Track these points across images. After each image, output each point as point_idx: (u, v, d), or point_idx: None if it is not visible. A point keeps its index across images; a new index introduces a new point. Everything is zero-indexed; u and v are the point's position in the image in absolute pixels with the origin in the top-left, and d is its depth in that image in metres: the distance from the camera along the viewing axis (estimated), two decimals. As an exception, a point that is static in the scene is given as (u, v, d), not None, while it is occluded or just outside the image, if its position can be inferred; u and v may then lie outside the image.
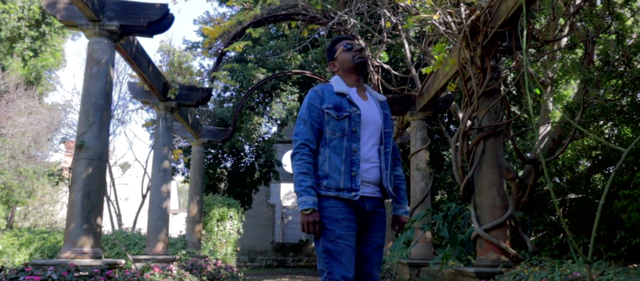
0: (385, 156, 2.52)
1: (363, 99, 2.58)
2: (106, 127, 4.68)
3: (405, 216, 2.61)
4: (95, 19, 4.58)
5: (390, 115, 2.66)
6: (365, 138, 2.50)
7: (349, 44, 2.62)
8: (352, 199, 2.39)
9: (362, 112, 2.52)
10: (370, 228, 2.47)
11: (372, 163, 2.47)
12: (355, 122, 2.47)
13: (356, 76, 2.60)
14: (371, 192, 2.45)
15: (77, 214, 4.40)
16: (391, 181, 2.55)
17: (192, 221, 9.49)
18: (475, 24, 4.67)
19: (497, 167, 4.76)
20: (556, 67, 9.71)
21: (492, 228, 4.60)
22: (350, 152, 2.43)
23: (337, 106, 2.47)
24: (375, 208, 2.46)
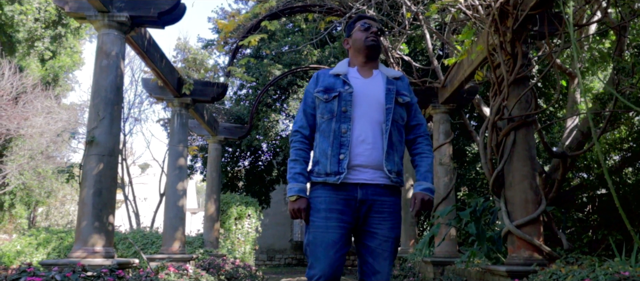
0: (389, 136, 2.24)
1: (365, 77, 2.37)
2: (117, 122, 4.51)
3: (425, 193, 2.25)
4: (104, 10, 4.41)
5: (403, 89, 2.38)
6: (358, 117, 2.26)
7: (366, 23, 2.41)
8: (335, 183, 2.20)
9: (356, 89, 2.30)
10: (372, 218, 2.22)
11: (368, 144, 2.23)
12: (346, 102, 2.26)
13: (365, 58, 2.39)
14: (370, 178, 2.22)
15: (88, 212, 4.24)
16: (397, 163, 2.27)
17: (209, 219, 9.34)
18: (505, 7, 4.37)
19: (529, 159, 4.46)
20: (584, 56, 9.30)
21: (525, 224, 4.30)
22: (339, 133, 2.24)
23: (327, 88, 2.31)
24: (375, 196, 2.21)
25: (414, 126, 2.40)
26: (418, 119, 2.41)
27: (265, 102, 11.61)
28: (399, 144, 2.29)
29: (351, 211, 2.22)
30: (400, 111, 2.31)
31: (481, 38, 5.15)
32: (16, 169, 14.27)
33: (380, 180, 2.22)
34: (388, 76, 2.38)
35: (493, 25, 4.38)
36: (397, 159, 2.27)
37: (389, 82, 2.35)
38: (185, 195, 7.11)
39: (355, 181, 2.21)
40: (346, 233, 2.22)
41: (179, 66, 6.93)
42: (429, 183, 2.28)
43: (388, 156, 2.23)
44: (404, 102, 2.34)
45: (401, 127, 2.33)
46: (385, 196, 2.23)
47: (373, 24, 2.43)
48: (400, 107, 2.32)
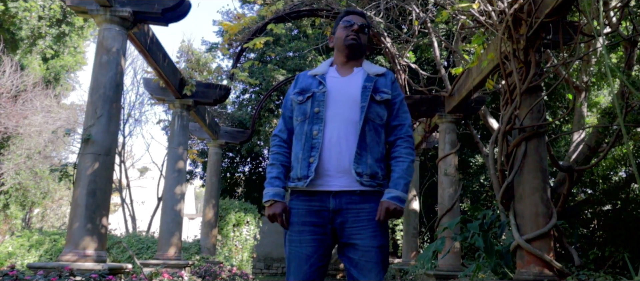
0: (362, 136, 2.07)
1: (343, 75, 2.22)
2: (115, 121, 4.36)
3: (391, 202, 2.03)
4: (106, 4, 4.28)
5: (384, 86, 2.20)
6: (330, 118, 2.10)
7: (349, 20, 2.26)
8: (305, 189, 2.07)
9: (330, 88, 2.16)
10: (350, 229, 2.04)
11: (341, 146, 2.08)
12: (319, 102, 2.13)
13: (345, 57, 2.26)
14: (344, 185, 2.06)
15: (81, 213, 4.08)
16: (370, 165, 2.08)
17: (207, 225, 9.17)
18: (518, 14, 4.24)
19: (540, 171, 4.30)
20: (592, 70, 9.18)
21: (535, 238, 4.14)
22: (310, 136, 2.11)
23: (303, 89, 2.21)
24: (350, 204, 2.05)
25: (395, 126, 2.21)
26: (400, 119, 2.22)
27: (268, 108, 11.48)
28: (375, 145, 2.12)
29: (326, 222, 2.07)
30: (377, 109, 2.15)
31: (492, 46, 5.02)
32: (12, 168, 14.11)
33: (354, 186, 2.06)
34: (369, 72, 2.23)
35: (506, 32, 4.24)
36: (372, 161, 2.09)
37: (367, 79, 2.19)
38: (183, 199, 6.94)
39: (327, 189, 2.07)
40: (322, 246, 2.07)
41: (182, 66, 6.80)
42: (399, 191, 2.07)
43: (358, 157, 2.06)
44: (383, 100, 2.17)
45: (379, 126, 2.16)
46: (362, 202, 2.06)
47: (356, 20, 2.27)
48: (378, 105, 2.15)
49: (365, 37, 2.30)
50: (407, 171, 2.12)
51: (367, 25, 2.32)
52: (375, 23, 6.87)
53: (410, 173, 2.14)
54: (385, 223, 2.11)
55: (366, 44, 2.34)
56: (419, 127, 8.54)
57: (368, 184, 2.06)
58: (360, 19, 2.30)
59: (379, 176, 2.10)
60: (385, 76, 2.24)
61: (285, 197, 2.14)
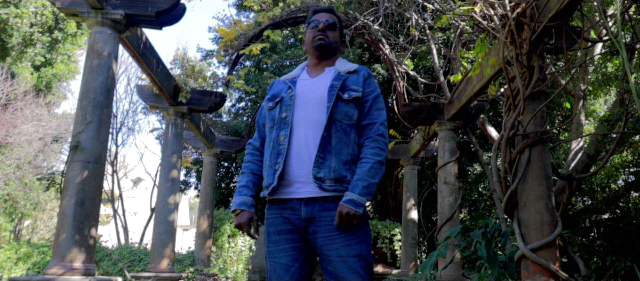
0: (326, 138, 1.95)
1: (313, 76, 2.12)
2: (106, 127, 4.21)
3: (344, 206, 1.87)
4: (98, 6, 4.15)
5: (354, 84, 2.06)
6: (297, 122, 1.99)
7: (315, 20, 2.15)
8: (271, 198, 1.98)
9: (298, 91, 2.05)
10: (323, 239, 1.91)
11: (309, 150, 1.98)
12: (286, 107, 2.03)
13: (316, 59, 2.15)
14: (315, 191, 1.94)
15: (69, 224, 3.91)
16: (335, 168, 1.94)
17: (201, 236, 8.97)
18: (520, 19, 4.15)
19: (545, 178, 4.18)
20: (589, 78, 9.12)
21: (540, 247, 4.01)
22: (277, 142, 2.02)
23: (274, 95, 2.14)
24: (322, 212, 1.93)
25: (366, 126, 2.06)
26: (371, 117, 2.06)
27: (263, 116, 11.33)
28: (343, 147, 1.98)
29: (300, 231, 1.96)
30: (344, 108, 2.02)
31: (493, 51, 4.92)
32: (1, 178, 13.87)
33: (326, 192, 1.93)
34: (340, 70, 2.10)
35: (509, 36, 4.15)
36: (337, 164, 1.95)
37: (336, 77, 2.07)
38: (177, 210, 6.77)
39: (297, 196, 1.95)
40: (302, 254, 1.96)
41: (176, 73, 6.67)
42: (355, 194, 1.90)
43: (320, 162, 1.94)
44: (351, 98, 2.03)
45: (348, 127, 2.02)
46: (333, 209, 1.92)
47: (321, 18, 2.16)
48: (346, 104, 2.02)
49: (334, 33, 2.18)
50: (370, 172, 1.94)
51: (335, 22, 2.20)
52: (373, 30, 6.77)
53: (374, 174, 1.96)
54: (362, 230, 1.95)
55: (337, 41, 2.21)
56: (418, 135, 8.43)
57: (332, 189, 1.93)
58: (327, 16, 2.19)
59: (347, 180, 1.95)
60: (357, 73, 2.12)
61: (253, 206, 2.06)
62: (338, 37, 2.22)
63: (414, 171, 9.31)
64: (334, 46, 2.18)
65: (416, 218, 9.10)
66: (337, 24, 2.22)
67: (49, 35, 13.10)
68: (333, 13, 2.23)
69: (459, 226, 4.77)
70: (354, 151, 2.02)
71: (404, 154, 9.28)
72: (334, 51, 2.19)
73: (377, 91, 2.12)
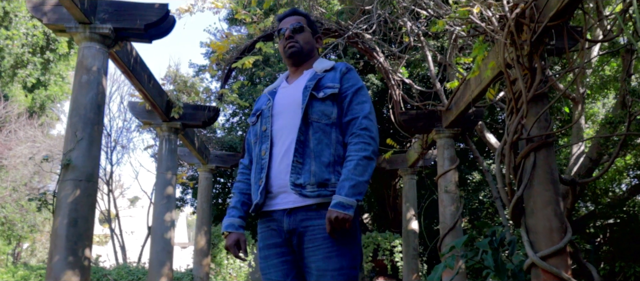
0: (304, 141, 1.85)
1: (290, 83, 2.04)
2: (97, 144, 4.07)
3: (333, 210, 1.73)
4: (85, 21, 4.04)
5: (329, 81, 1.94)
6: (276, 132, 1.90)
7: (281, 29, 2.07)
8: (261, 214, 1.92)
9: (276, 101, 1.97)
10: (306, 249, 1.81)
11: (288, 159, 1.87)
12: (265, 119, 1.95)
13: (293, 66, 2.06)
14: (294, 201, 1.83)
15: (62, 245, 3.76)
16: (315, 172, 1.81)
17: (200, 253, 8.80)
18: (520, 19, 4.06)
19: (551, 183, 4.06)
20: (588, 81, 9.05)
21: (550, 255, 3.87)
22: (260, 156, 1.94)
23: (256, 110, 2.07)
24: (305, 221, 1.81)
25: (348, 122, 1.91)
26: (353, 112, 1.91)
27: (259, 130, 11.22)
28: (324, 148, 1.85)
29: (287, 243, 1.85)
30: (321, 107, 1.90)
31: (492, 54, 4.83)
32: (-3, 201, 13.66)
33: (309, 199, 1.80)
34: (317, 70, 2.00)
35: (509, 37, 4.05)
36: (318, 168, 1.82)
37: (312, 77, 1.96)
38: (174, 227, 6.61)
39: (280, 207, 1.84)
40: (295, 268, 1.86)
41: (169, 88, 6.55)
42: (342, 196, 1.74)
43: (298, 167, 1.82)
44: (327, 96, 1.91)
45: (327, 126, 1.89)
46: (318, 218, 1.80)
47: (286, 24, 2.06)
48: (322, 102, 1.90)
49: (304, 35, 2.07)
50: (356, 170, 1.78)
51: (302, 23, 2.08)
52: (366, 39, 6.69)
53: (361, 171, 1.79)
54: (349, 240, 1.80)
55: (310, 41, 2.09)
56: (416, 144, 8.32)
57: (314, 195, 1.80)
58: (291, 21, 2.07)
59: (332, 183, 1.82)
60: (334, 70, 2.00)
61: (242, 226, 1.99)
62: (309, 37, 2.10)
63: (412, 180, 9.18)
64: (307, 49, 2.07)
65: (417, 228, 8.95)
66: (305, 23, 2.10)
67: (41, 56, 12.98)
68: (297, 14, 2.12)
69: (462, 236, 4.63)
70: (337, 152, 1.88)
71: (402, 164, 9.15)
72: (309, 53, 2.09)
73: (357, 84, 1.97)
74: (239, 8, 6.85)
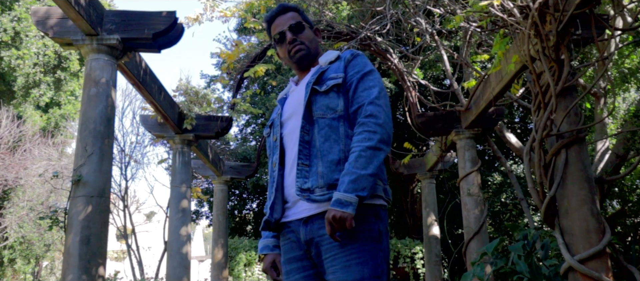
0: (309, 141, 1.68)
1: (298, 84, 1.89)
2: (108, 158, 3.94)
3: (331, 210, 1.54)
4: (92, 32, 3.92)
5: (333, 72, 1.75)
6: (286, 140, 1.75)
7: (278, 35, 1.84)
8: (270, 229, 1.77)
9: (285, 106, 1.81)
10: (324, 260, 1.63)
11: (296, 164, 1.72)
12: (276, 128, 1.84)
13: (300, 70, 1.88)
14: (309, 209, 1.65)
15: (74, 264, 3.62)
16: (323, 173, 1.63)
17: (217, 267, 8.64)
18: (543, 9, 3.85)
19: (586, 181, 3.82)
20: (610, 74, 8.76)
21: (589, 257, 3.63)
22: (272, 170, 1.81)
23: (270, 120, 1.93)
24: (321, 230, 1.62)
25: (354, 112, 1.71)
26: (359, 100, 1.70)
27: (273, 140, 11.07)
28: (333, 145, 1.66)
29: (307, 256, 1.69)
30: (324, 101, 1.72)
31: (514, 48, 4.62)
32: (15, 221, 13.68)
33: (320, 204, 1.63)
34: (321, 64, 1.82)
35: (533, 28, 3.84)
36: (326, 168, 1.63)
37: (314, 72, 1.78)
38: (190, 241, 6.47)
39: (296, 217, 1.68)
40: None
41: (180, 100, 6.43)
42: (340, 192, 1.55)
43: (306, 170, 1.65)
44: (330, 88, 1.73)
45: (333, 121, 1.70)
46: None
47: (283, 27, 1.84)
48: (325, 96, 1.72)
49: (306, 32, 1.87)
50: (357, 162, 1.57)
51: (299, 19, 1.87)
52: (379, 41, 6.52)
53: (364, 164, 1.58)
54: (371, 247, 1.60)
55: (312, 38, 1.90)
56: (434, 147, 8.09)
57: (325, 199, 1.61)
58: (287, 20, 1.86)
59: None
60: (339, 59, 1.81)
61: (278, 246, 1.85)
62: (311, 33, 1.91)
63: (431, 185, 8.95)
64: (315, 47, 1.89)
65: (438, 234, 8.70)
66: (301, 18, 1.90)
67: (53, 75, 13.01)
68: (289, 9, 1.91)
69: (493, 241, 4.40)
70: (348, 147, 1.68)
71: (420, 168, 8.92)
72: (316, 52, 1.90)
73: (364, 69, 1.76)
74: (248, 16, 6.73)
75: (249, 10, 6.69)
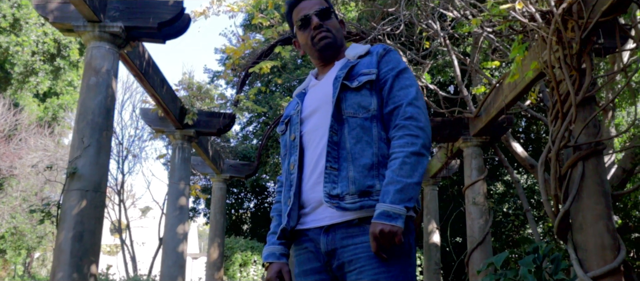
0: (338, 143, 1.51)
1: (321, 78, 1.68)
2: (106, 151, 3.77)
3: (377, 223, 1.39)
4: (94, 19, 3.76)
5: (365, 67, 1.58)
6: (307, 139, 1.61)
7: (303, 18, 1.66)
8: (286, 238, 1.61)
9: (305, 102, 1.68)
10: (348, 274, 1.47)
11: (321, 166, 1.54)
12: (294, 126, 1.66)
13: (322, 61, 1.71)
14: (331, 216, 1.49)
15: (65, 261, 3.45)
16: (355, 178, 1.47)
17: (212, 266, 8.47)
18: (565, 16, 3.70)
19: (603, 195, 3.69)
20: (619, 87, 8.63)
21: (603, 275, 3.49)
22: (288, 172, 1.63)
23: (285, 116, 1.74)
24: (346, 240, 1.47)
25: (390, 112, 1.55)
26: (395, 99, 1.55)
27: (276, 138, 10.91)
28: (365, 147, 1.51)
29: (326, 269, 1.52)
30: (356, 99, 1.56)
31: (531, 55, 4.47)
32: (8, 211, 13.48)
33: (349, 212, 1.46)
34: (349, 57, 1.64)
35: (555, 35, 3.69)
36: (358, 173, 1.48)
37: (343, 67, 1.62)
38: (186, 240, 6.30)
39: (315, 225, 1.51)
40: None
41: (182, 94, 6.27)
42: (387, 204, 1.40)
43: (334, 174, 1.49)
44: (362, 84, 1.56)
45: (367, 120, 1.54)
46: (361, 235, 1.46)
47: (309, 11, 1.66)
48: (356, 92, 1.56)
49: (333, 21, 1.69)
50: (402, 170, 1.43)
51: (327, 8, 1.69)
52: (389, 44, 6.37)
53: (409, 171, 1.44)
54: (401, 260, 1.44)
55: (339, 29, 1.72)
56: (439, 153, 7.95)
57: (356, 207, 1.45)
58: (314, 5, 1.68)
59: (376, 190, 1.48)
60: (370, 54, 1.64)
61: (284, 255, 1.68)
62: (337, 23, 1.73)
63: (434, 191, 8.81)
64: (340, 37, 1.71)
65: (439, 241, 8.55)
66: (329, 5, 1.72)
67: (51, 64, 12.81)
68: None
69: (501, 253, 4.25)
70: (381, 151, 1.53)
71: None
72: (341, 44, 1.72)
73: (399, 66, 1.60)
74: (256, 12, 6.58)
75: (257, 6, 6.54)
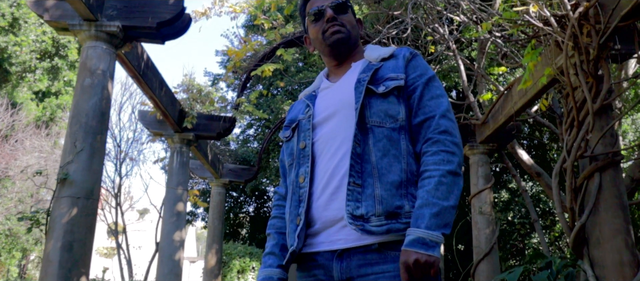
0: (361, 155, 1.32)
1: (335, 81, 1.48)
2: (99, 156, 3.60)
3: (411, 252, 1.19)
4: (91, 18, 3.59)
5: (390, 71, 1.41)
6: (319, 150, 1.41)
7: (317, 9, 1.48)
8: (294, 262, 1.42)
9: (317, 106, 1.48)
10: None
11: (340, 180, 1.34)
12: (305, 132, 1.46)
13: (334, 59, 1.54)
14: (347, 239, 1.30)
15: (53, 272, 3.26)
16: (381, 197, 1.28)
17: (209, 273, 8.29)
18: (581, 21, 3.54)
19: (621, 209, 3.52)
20: (627, 94, 8.48)
21: (622, 293, 3.30)
22: (297, 184, 1.43)
23: (291, 121, 1.55)
24: (364, 267, 1.27)
25: (420, 124, 1.38)
26: (426, 110, 1.38)
27: (277, 142, 10.73)
28: (392, 161, 1.33)
29: None
30: (383, 106, 1.38)
31: (544, 60, 4.31)
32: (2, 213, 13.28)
33: (373, 236, 1.27)
34: (371, 59, 1.45)
35: (571, 40, 3.53)
36: (385, 191, 1.29)
37: (365, 69, 1.43)
38: (183, 247, 6.12)
39: (327, 248, 1.31)
40: None
41: (182, 97, 6.10)
42: (422, 229, 1.21)
43: (358, 191, 1.29)
44: (389, 90, 1.38)
45: (394, 131, 1.36)
46: (383, 262, 1.27)
47: (324, 3, 1.48)
48: (383, 99, 1.38)
49: (349, 16, 1.51)
50: (438, 191, 1.25)
51: (344, 2, 1.51)
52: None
53: (446, 193, 1.26)
54: None
55: (355, 26, 1.54)
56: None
57: (383, 230, 1.26)
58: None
59: (405, 212, 1.29)
60: (395, 57, 1.46)
61: (282, 279, 1.48)
62: (353, 19, 1.55)
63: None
64: (355, 35, 1.52)
65: (442, 250, 8.37)
66: (346, 2, 1.54)
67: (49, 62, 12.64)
68: None
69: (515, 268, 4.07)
70: (410, 167, 1.35)
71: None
72: (356, 42, 1.54)
73: (428, 73, 1.43)
74: (258, 13, 6.41)
75: (259, 7, 6.38)
